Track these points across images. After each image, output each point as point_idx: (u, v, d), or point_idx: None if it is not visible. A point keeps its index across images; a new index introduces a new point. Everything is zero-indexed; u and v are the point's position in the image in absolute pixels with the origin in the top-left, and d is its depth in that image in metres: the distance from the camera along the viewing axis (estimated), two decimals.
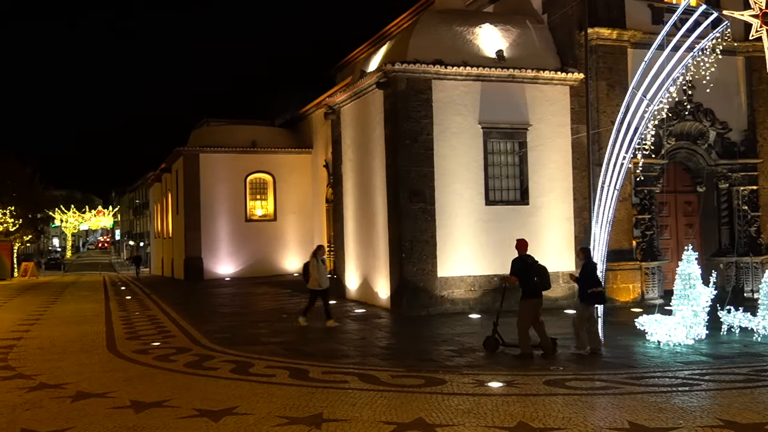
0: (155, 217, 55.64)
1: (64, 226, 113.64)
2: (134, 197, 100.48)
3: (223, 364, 11.49)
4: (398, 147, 18.72)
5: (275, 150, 37.66)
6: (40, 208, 55.56)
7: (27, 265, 51.39)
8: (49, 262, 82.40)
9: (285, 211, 37.84)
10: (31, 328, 17.07)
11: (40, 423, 7.88)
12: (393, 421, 7.72)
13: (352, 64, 33.31)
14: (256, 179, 37.86)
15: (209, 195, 36.69)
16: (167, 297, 26.22)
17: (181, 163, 38.19)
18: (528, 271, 12.06)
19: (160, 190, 50.05)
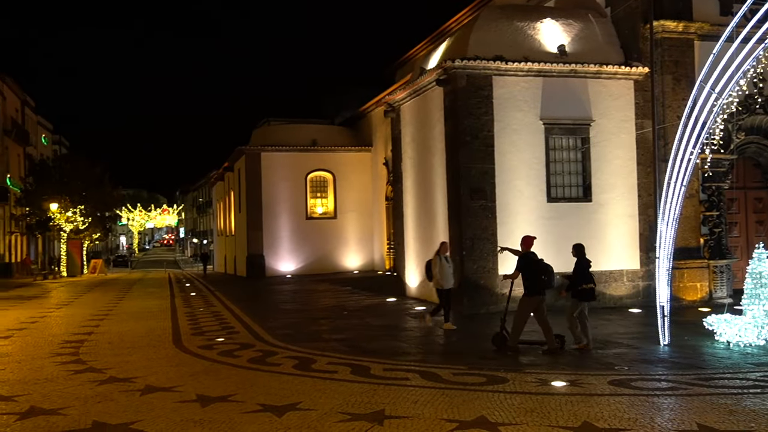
0: (218, 215, 56.66)
1: (130, 224, 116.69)
2: (198, 196, 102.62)
3: (285, 360, 11.62)
4: (458, 144, 18.64)
5: (335, 148, 37.96)
6: (108, 207, 57.12)
7: (96, 262, 52.99)
8: (116, 260, 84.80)
9: (345, 209, 38.09)
10: (101, 324, 17.57)
11: (111, 415, 8.09)
12: (455, 419, 7.68)
13: (412, 61, 33.32)
14: (316, 177, 38.21)
15: (271, 193, 37.19)
16: (230, 294, 26.69)
17: (243, 162, 38.80)
18: (532, 267, 12.31)
19: (223, 189, 50.94)
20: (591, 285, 12.65)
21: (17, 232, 51.23)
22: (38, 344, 14.11)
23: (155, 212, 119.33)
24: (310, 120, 42.35)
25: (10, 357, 12.51)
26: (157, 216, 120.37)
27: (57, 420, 7.91)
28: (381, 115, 30.55)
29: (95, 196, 51.30)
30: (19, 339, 14.96)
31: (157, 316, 19.29)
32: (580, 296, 12.62)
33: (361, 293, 24.63)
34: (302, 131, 38.54)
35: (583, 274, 12.70)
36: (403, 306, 20.19)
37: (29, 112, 58.39)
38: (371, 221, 37.79)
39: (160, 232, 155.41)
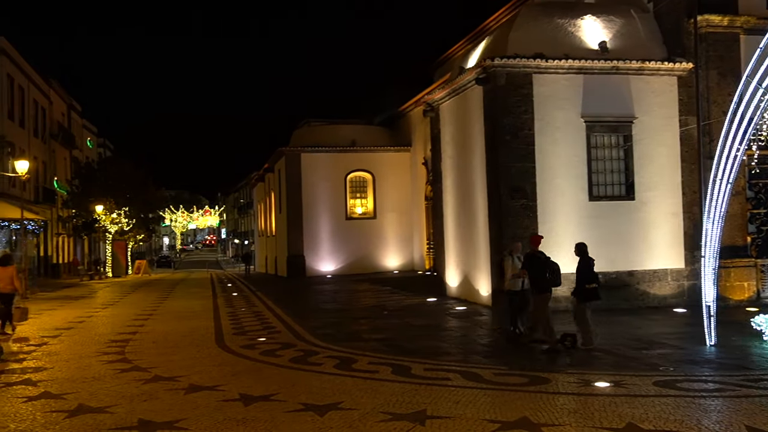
0: (259, 215, 57.20)
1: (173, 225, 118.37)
2: (239, 197, 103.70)
3: (326, 359, 11.68)
4: (498, 143, 18.53)
5: (374, 148, 38.03)
6: (151, 208, 58.06)
7: (140, 262, 53.89)
8: (160, 260, 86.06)
9: (384, 209, 38.15)
10: (145, 323, 17.85)
11: (156, 413, 8.22)
12: (497, 420, 7.64)
13: (451, 60, 33.21)
14: (356, 178, 38.34)
15: (311, 194, 37.42)
16: (271, 294, 26.91)
17: (283, 162, 39.09)
18: (538, 266, 12.54)
19: (264, 190, 51.39)
20: (594, 285, 12.63)
21: (64, 233, 52.32)
22: (85, 343, 14.40)
23: (197, 213, 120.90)
24: (350, 120, 42.50)
25: (58, 356, 12.78)
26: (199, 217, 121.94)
27: (104, 418, 8.06)
28: (420, 114, 30.51)
29: (139, 198, 52.22)
30: (67, 338, 15.28)
31: (200, 315, 19.53)
32: (583, 296, 12.64)
33: (401, 293, 24.64)
34: (342, 132, 38.70)
35: (587, 274, 12.70)
36: (444, 306, 20.14)
37: (75, 116, 59.59)
38: (411, 221, 37.78)
39: (202, 233, 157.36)
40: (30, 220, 33.57)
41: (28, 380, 10.46)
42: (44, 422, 7.95)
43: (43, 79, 47.60)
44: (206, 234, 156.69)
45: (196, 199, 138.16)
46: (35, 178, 43.88)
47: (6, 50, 38.47)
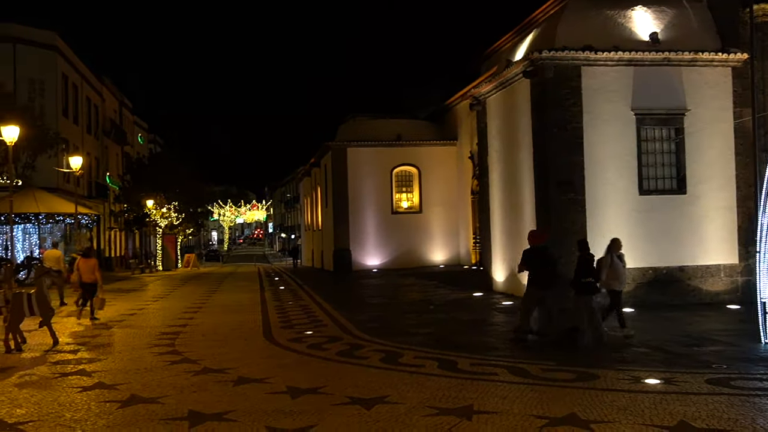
0: (305, 210, 57.61)
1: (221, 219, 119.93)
2: (285, 191, 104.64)
3: (373, 353, 11.71)
4: (546, 136, 18.34)
5: (420, 143, 37.97)
6: (200, 203, 58.94)
7: (189, 256, 54.78)
8: (208, 254, 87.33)
9: (430, 203, 38.07)
10: (195, 316, 18.13)
11: (205, 405, 8.34)
12: (545, 416, 7.57)
13: (497, 53, 32.90)
14: (401, 172, 38.34)
15: (357, 188, 37.54)
16: (318, 287, 27.09)
17: (329, 157, 39.29)
18: (536, 260, 12.74)
19: (310, 184, 51.73)
20: (590, 279, 12.74)
21: (116, 227, 53.47)
22: (137, 335, 14.69)
23: (245, 208, 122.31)
24: (395, 115, 42.48)
25: (111, 347, 13.07)
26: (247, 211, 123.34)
27: (155, 408, 8.21)
28: (466, 108, 30.36)
29: (188, 193, 53.05)
30: (119, 330, 15.61)
31: (248, 309, 19.76)
32: (580, 290, 12.71)
33: (447, 287, 24.58)
34: (387, 126, 38.71)
35: (586, 269, 12.82)
36: (490, 300, 20.03)
37: (126, 112, 60.78)
38: (456, 215, 37.64)
39: (250, 227, 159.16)
40: (83, 214, 34.35)
41: (83, 371, 10.72)
42: (98, 412, 8.14)
43: (95, 77, 48.63)
44: (254, 228, 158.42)
45: (243, 194, 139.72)
46: (88, 173, 44.94)
47: (60, 49, 39.40)
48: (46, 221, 33.76)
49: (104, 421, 7.69)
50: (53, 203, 33.55)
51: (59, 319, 17.47)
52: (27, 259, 30.57)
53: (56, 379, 10.13)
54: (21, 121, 24.25)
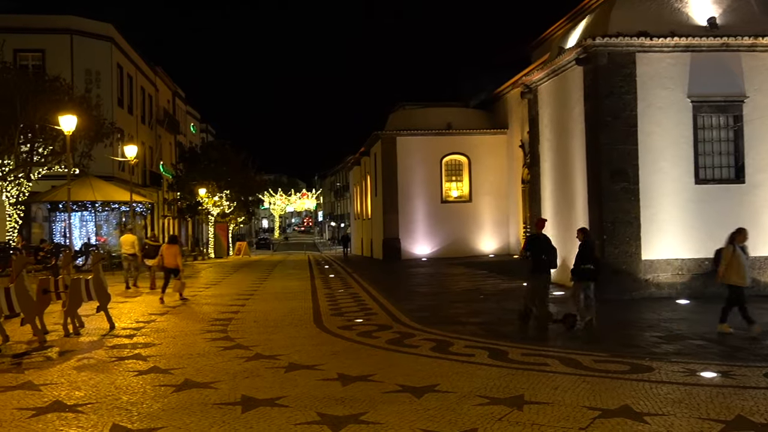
0: (355, 199, 57.81)
1: (272, 208, 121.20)
2: (335, 180, 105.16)
3: (423, 342, 11.71)
4: (599, 125, 18.04)
5: (470, 131, 37.74)
6: (251, 192, 59.64)
7: (240, 244, 55.54)
8: (259, 242, 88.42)
9: (480, 192, 37.86)
10: (246, 303, 18.37)
11: (258, 390, 8.45)
12: (597, 407, 7.48)
13: (549, 41, 32.49)
14: (451, 161, 38.18)
15: (406, 177, 37.53)
16: (367, 276, 27.19)
17: (379, 146, 39.33)
18: (538, 248, 13.09)
19: (360, 173, 51.88)
20: (590, 266, 13.04)
21: (169, 215, 54.44)
22: (190, 321, 14.95)
23: (295, 196, 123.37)
24: (445, 103, 42.30)
25: (166, 333, 13.33)
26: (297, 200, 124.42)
27: (209, 393, 8.35)
28: (517, 96, 30.04)
29: (239, 181, 53.70)
30: (173, 316, 15.90)
31: (298, 296, 19.94)
32: (579, 276, 13.12)
33: (497, 277, 24.43)
34: (437, 115, 38.56)
35: (586, 256, 13.15)
36: None
37: (179, 102, 61.73)
38: (507, 204, 37.36)
39: (300, 215, 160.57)
40: (138, 202, 35.05)
41: (138, 355, 10.95)
42: (153, 395, 8.31)
43: (149, 67, 49.46)
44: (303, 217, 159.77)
45: (294, 183, 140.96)
46: (142, 162, 45.80)
47: (115, 40, 40.17)
48: (102, 209, 34.56)
49: (159, 405, 7.84)
50: (109, 191, 34.32)
51: (130, 299, 17.93)
52: (84, 246, 31.33)
53: (113, 363, 10.37)
54: (78, 112, 24.83)
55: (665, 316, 14.57)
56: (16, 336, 12.63)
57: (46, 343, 12.08)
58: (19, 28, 35.51)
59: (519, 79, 26.52)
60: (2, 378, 9.35)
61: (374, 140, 40.89)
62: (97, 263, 14.47)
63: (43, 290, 13.01)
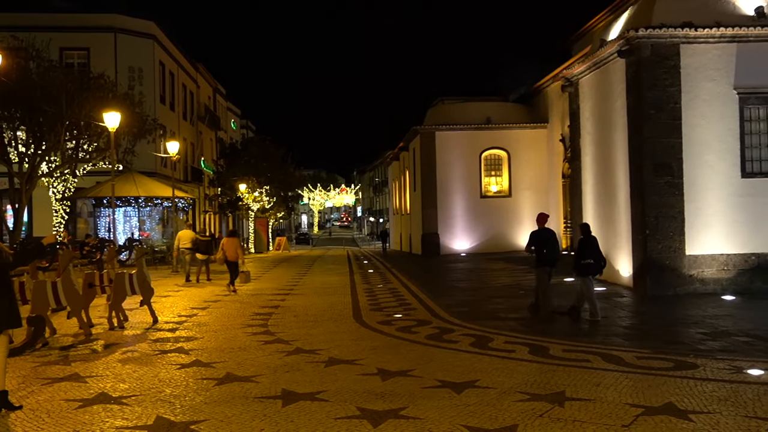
0: (393, 194, 57.81)
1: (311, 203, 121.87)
2: (374, 175, 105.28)
3: (462, 337, 11.67)
4: (642, 118, 17.76)
5: (509, 125, 37.44)
6: (291, 187, 60.00)
7: (280, 239, 55.97)
8: (298, 237, 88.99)
9: (520, 187, 37.57)
10: (286, 297, 18.51)
11: (298, 384, 8.50)
12: (640, 404, 7.37)
13: (590, 33, 32.05)
14: (490, 155, 37.95)
15: (445, 172, 37.40)
16: (406, 271, 27.19)
17: (417, 141, 39.25)
18: (539, 242, 13.83)
19: (398, 168, 51.85)
20: (590, 260, 13.45)
21: (210, 211, 55.05)
22: (231, 315, 15.11)
23: (334, 192, 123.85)
24: (484, 98, 42.01)
25: (207, 327, 13.49)
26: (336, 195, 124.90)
27: (250, 387, 8.42)
28: (557, 90, 29.73)
29: (279, 177, 54.07)
30: (214, 310, 16.09)
31: (338, 291, 20.03)
32: (580, 270, 13.55)
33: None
34: (476, 109, 38.34)
35: (586, 251, 13.57)
36: None
37: (220, 98, 62.33)
38: (547, 199, 36.98)
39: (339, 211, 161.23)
40: (180, 198, 35.50)
41: (181, 348, 11.10)
42: (196, 388, 8.41)
43: (190, 64, 50.03)
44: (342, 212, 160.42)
45: (332, 178, 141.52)
46: (184, 158, 46.35)
47: (157, 37, 40.70)
48: (145, 204, 35.10)
49: (201, 398, 7.94)
50: (152, 187, 34.82)
51: (173, 294, 18.19)
52: (128, 241, 31.86)
53: (156, 356, 10.53)
54: (122, 109, 25.24)
55: (710, 313, 14.30)
56: (63, 329, 12.91)
57: (91, 336, 12.33)
58: (65, 27, 36.19)
59: (559, 72, 26.25)
60: (50, 370, 9.56)
61: (413, 135, 40.82)
62: (141, 258, 14.71)
63: (89, 284, 13.27)
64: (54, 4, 39.33)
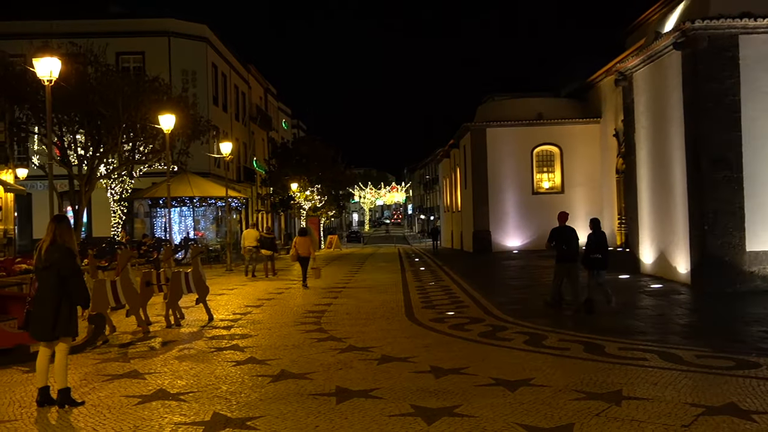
0: (444, 191, 57.63)
1: (362, 201, 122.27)
2: (424, 173, 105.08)
3: (515, 335, 11.57)
4: (699, 111, 17.36)
5: (562, 121, 36.99)
6: (341, 186, 60.31)
7: (332, 238, 56.29)
8: (350, 235, 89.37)
9: (572, 183, 37.09)
10: (338, 295, 18.61)
11: (351, 381, 8.54)
12: (700, 404, 7.20)
13: (644, 26, 31.44)
14: (542, 151, 37.55)
15: (496, 169, 37.14)
16: (458, 269, 27.08)
17: (468, 138, 39.05)
18: (559, 239, 14.48)
19: (449, 166, 51.68)
20: (598, 255, 14.01)
21: (263, 210, 55.71)
22: (285, 313, 15.26)
23: (384, 190, 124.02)
24: (535, 93, 41.62)
25: (261, 324, 13.65)
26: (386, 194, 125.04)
27: (304, 384, 8.49)
28: (610, 84, 29.24)
29: (330, 176, 54.43)
30: (268, 308, 16.27)
31: (389, 289, 20.05)
32: (588, 264, 14.14)
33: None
34: (527, 105, 37.97)
35: (595, 245, 14.11)
36: (637, 283, 19.28)
37: (271, 99, 63.00)
38: (600, 195, 36.43)
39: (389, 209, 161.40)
40: (233, 197, 35.99)
41: (236, 346, 11.25)
42: (251, 385, 8.52)
43: (242, 65, 50.66)
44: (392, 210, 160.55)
45: (383, 176, 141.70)
46: (237, 158, 46.98)
47: (210, 40, 41.34)
48: (200, 204, 35.68)
49: (257, 395, 8.03)
50: (206, 187, 35.38)
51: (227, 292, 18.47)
52: (184, 240, 32.44)
53: (212, 353, 10.69)
54: (176, 111, 25.71)
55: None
56: (122, 327, 13.21)
57: (149, 334, 12.59)
58: (121, 32, 37.03)
59: (613, 66, 25.82)
60: (110, 366, 9.79)
61: (463, 132, 40.62)
62: (196, 257, 14.96)
63: (147, 283, 13.55)
64: (110, 10, 40.28)
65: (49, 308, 7.48)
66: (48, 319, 7.48)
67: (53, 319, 7.48)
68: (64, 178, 28.04)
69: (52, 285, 7.52)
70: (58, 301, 7.51)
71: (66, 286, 7.57)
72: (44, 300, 7.52)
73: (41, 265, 7.61)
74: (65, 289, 7.56)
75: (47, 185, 17.77)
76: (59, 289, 7.53)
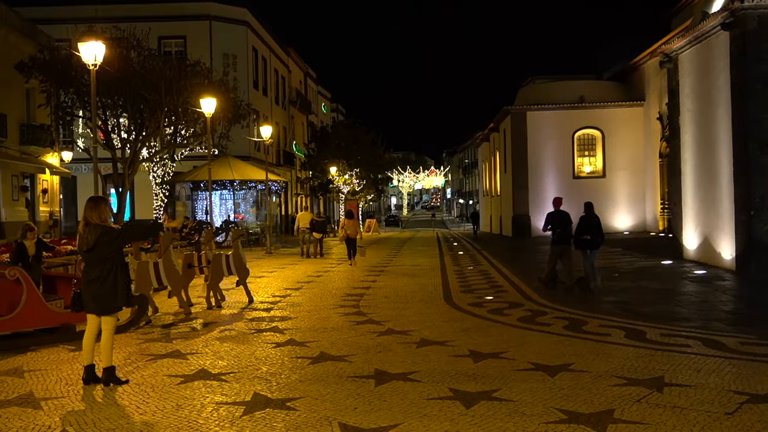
0: (483, 175, 57.31)
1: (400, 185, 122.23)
2: (463, 157, 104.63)
3: (555, 320, 11.49)
4: (747, 93, 16.94)
5: (604, 104, 36.47)
6: (380, 169, 60.31)
7: (370, 221, 56.41)
8: (388, 219, 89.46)
9: (614, 168, 36.61)
10: (377, 279, 18.66)
11: (391, 364, 8.56)
12: (745, 392, 7.07)
13: (690, 6, 30.73)
14: (583, 135, 37.08)
15: (536, 153, 36.81)
16: (497, 253, 26.95)
17: (508, 122, 38.72)
18: (554, 222, 15.19)
19: (489, 150, 51.34)
20: (587, 236, 14.80)
21: (302, 193, 56.02)
22: (324, 296, 15.36)
23: (423, 174, 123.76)
24: (577, 76, 41.07)
25: (301, 307, 13.76)
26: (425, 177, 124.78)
27: (343, 366, 8.55)
28: (654, 67, 28.70)
29: (369, 160, 54.46)
30: (307, 291, 16.39)
31: (428, 273, 20.04)
32: (579, 245, 14.98)
33: (632, 255, 23.59)
34: (568, 88, 37.50)
35: (585, 227, 14.90)
36: (680, 269, 18.98)
37: (311, 83, 63.16)
38: (643, 180, 35.91)
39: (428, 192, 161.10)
40: (273, 181, 36.22)
41: (276, 328, 11.36)
42: (291, 366, 8.60)
43: (282, 49, 50.83)
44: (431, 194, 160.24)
45: (421, 160, 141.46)
46: (277, 142, 47.28)
47: (250, 24, 41.53)
48: (240, 187, 36.00)
49: (297, 376, 8.11)
50: (246, 171, 35.69)
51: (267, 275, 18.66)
52: (224, 223, 32.80)
53: (252, 335, 10.81)
54: (217, 95, 25.91)
55: None
56: (164, 308, 13.43)
57: (191, 315, 12.78)
58: (163, 17, 37.42)
59: (658, 47, 25.29)
60: (153, 346, 9.97)
61: (503, 116, 40.28)
62: (237, 239, 15.11)
63: (188, 265, 13.74)
64: None
65: (109, 285, 7.73)
66: (109, 294, 7.74)
67: (114, 295, 7.76)
68: (108, 161, 28.51)
69: (102, 264, 7.72)
70: (114, 277, 7.76)
71: (115, 261, 7.80)
72: (98, 280, 7.71)
73: (85, 247, 7.76)
74: (114, 266, 7.79)
75: (91, 168, 18.09)
76: (109, 266, 7.74)
